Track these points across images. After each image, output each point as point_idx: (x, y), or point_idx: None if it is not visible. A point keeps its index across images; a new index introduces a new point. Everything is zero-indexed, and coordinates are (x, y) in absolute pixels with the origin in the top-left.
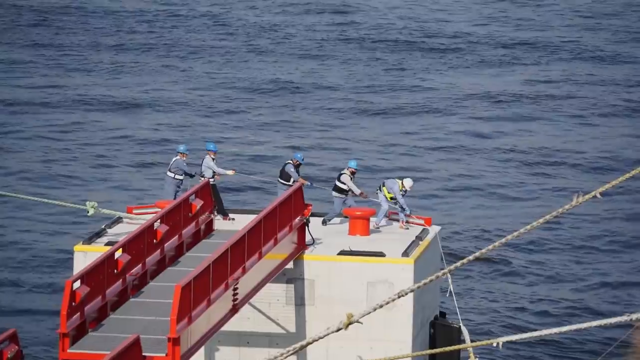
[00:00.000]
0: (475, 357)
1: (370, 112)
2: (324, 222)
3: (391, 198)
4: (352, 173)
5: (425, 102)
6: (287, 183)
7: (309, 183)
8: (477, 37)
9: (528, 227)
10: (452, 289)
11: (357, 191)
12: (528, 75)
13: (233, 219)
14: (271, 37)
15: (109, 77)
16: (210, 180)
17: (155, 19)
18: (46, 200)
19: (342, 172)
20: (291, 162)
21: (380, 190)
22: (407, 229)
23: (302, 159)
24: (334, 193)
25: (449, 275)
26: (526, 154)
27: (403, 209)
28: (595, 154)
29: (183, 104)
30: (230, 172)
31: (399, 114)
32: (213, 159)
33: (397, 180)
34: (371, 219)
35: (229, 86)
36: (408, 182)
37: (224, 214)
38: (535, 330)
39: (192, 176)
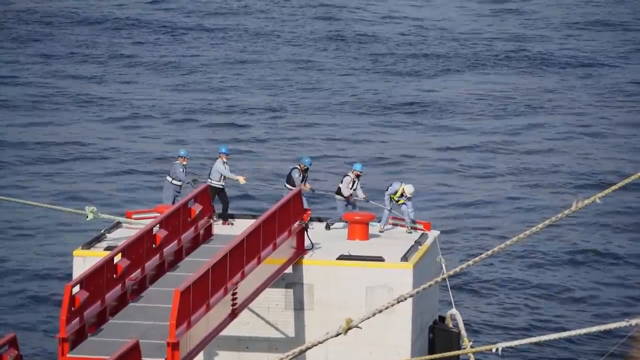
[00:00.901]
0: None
1: (367, 115)
2: (328, 227)
3: (397, 200)
4: (357, 176)
5: (423, 107)
6: (293, 188)
7: (312, 190)
8: (476, 43)
9: (528, 232)
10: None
11: (346, 193)
12: (525, 81)
13: (232, 223)
14: (268, 43)
15: (108, 83)
16: (220, 184)
17: (153, 25)
18: (45, 205)
19: (345, 174)
20: (298, 167)
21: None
22: (410, 232)
23: (310, 164)
24: (337, 196)
25: (447, 280)
26: (525, 159)
27: (387, 208)
28: (595, 160)
29: (182, 110)
30: (240, 179)
31: (398, 118)
32: (224, 163)
33: (399, 183)
34: (372, 223)
35: (228, 94)
36: (409, 189)
37: (225, 218)
38: (534, 335)
39: (188, 183)
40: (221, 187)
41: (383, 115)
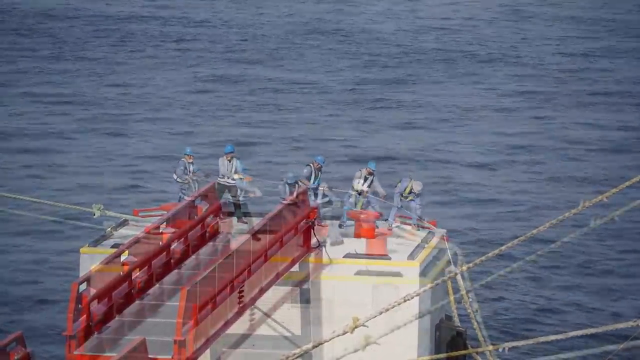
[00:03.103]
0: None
1: (374, 120)
2: (340, 226)
3: (406, 196)
4: (370, 174)
5: (427, 110)
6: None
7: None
8: (476, 45)
9: (534, 230)
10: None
11: (358, 188)
12: (528, 83)
13: (246, 222)
14: (268, 44)
15: (113, 79)
16: (228, 181)
17: (160, 21)
18: (52, 203)
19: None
20: (311, 165)
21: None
22: (418, 230)
23: (324, 162)
24: (350, 192)
25: (459, 277)
26: (531, 159)
27: (398, 207)
28: (602, 158)
29: (189, 107)
30: (246, 178)
31: (404, 121)
32: (229, 161)
33: (408, 179)
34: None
35: (236, 91)
36: (417, 186)
37: (240, 216)
38: (541, 335)
39: (194, 180)
40: (230, 184)
41: (388, 119)
